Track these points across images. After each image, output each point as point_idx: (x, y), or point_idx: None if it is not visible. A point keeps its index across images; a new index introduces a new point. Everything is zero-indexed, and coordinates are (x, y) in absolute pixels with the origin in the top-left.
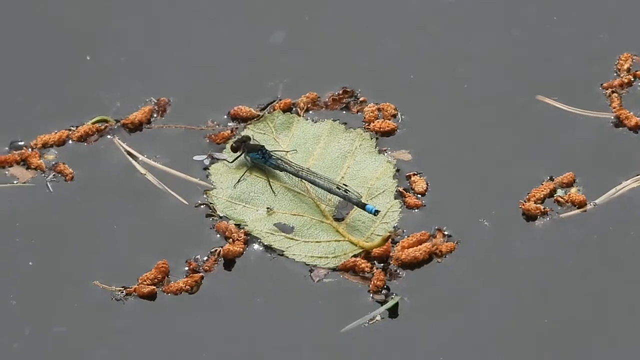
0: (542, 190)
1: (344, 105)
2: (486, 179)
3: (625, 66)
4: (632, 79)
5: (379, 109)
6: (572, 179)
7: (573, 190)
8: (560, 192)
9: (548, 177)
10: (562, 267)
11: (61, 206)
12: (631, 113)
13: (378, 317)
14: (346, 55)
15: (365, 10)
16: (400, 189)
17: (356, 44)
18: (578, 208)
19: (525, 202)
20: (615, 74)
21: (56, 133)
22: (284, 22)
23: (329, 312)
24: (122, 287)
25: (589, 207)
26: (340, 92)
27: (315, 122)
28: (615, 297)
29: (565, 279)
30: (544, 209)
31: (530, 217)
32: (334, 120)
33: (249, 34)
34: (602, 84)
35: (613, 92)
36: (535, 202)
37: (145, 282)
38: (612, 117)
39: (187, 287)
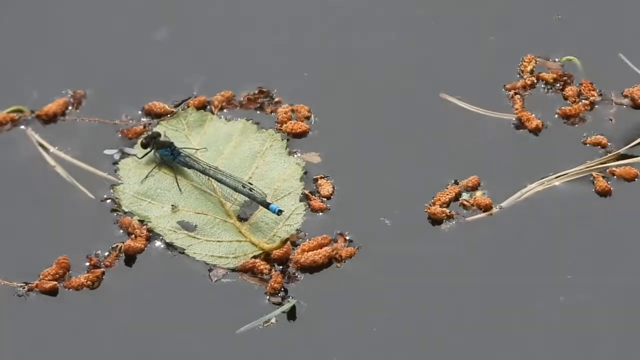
0: (447, 194)
1: (259, 105)
2: (392, 183)
3: (529, 68)
4: (535, 81)
5: (292, 110)
6: (477, 183)
7: (478, 193)
8: (465, 195)
9: (453, 181)
10: (468, 270)
11: None
12: (532, 115)
13: (273, 320)
14: (266, 55)
15: (274, 8)
16: (306, 191)
17: (273, 43)
18: (484, 211)
19: (430, 205)
20: (518, 76)
21: None
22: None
23: (225, 313)
24: (24, 282)
25: (494, 210)
26: (256, 91)
27: (229, 120)
28: (520, 299)
29: (471, 282)
30: (449, 212)
31: (436, 220)
32: (247, 120)
33: (168, 29)
34: (505, 85)
35: (516, 93)
36: (441, 206)
37: (46, 278)
38: (514, 119)
39: (89, 282)
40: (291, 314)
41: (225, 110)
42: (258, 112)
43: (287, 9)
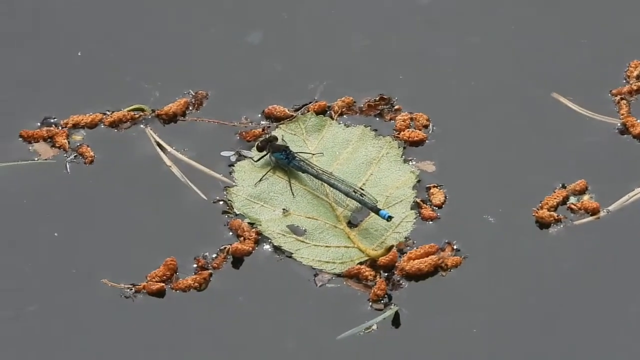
0: (555, 198)
1: (379, 112)
2: (503, 188)
3: (635, 73)
4: None
5: (411, 119)
6: (585, 187)
7: (586, 197)
8: (573, 199)
9: (560, 185)
10: (575, 274)
11: (75, 189)
12: (638, 121)
13: (375, 327)
14: (389, 63)
15: (400, 18)
16: (418, 200)
17: (398, 52)
18: (591, 215)
19: (538, 209)
20: (624, 81)
21: (89, 115)
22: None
23: (327, 318)
24: (131, 284)
25: (602, 214)
26: (377, 98)
27: (347, 126)
28: (631, 304)
29: (578, 286)
30: (557, 216)
31: (543, 224)
32: (366, 127)
33: (291, 35)
34: (611, 90)
35: (622, 98)
36: (549, 210)
37: (154, 280)
38: (619, 124)
39: (196, 284)
40: (394, 321)
41: (344, 116)
42: (377, 118)
43: (400, 18)
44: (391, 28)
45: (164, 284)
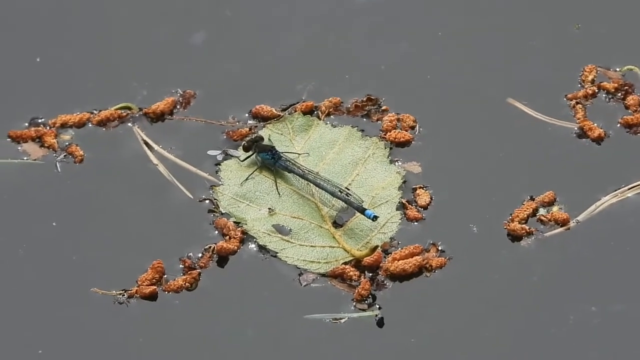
0: (524, 210)
1: (366, 112)
2: (483, 193)
3: (590, 77)
4: (596, 91)
5: (398, 119)
6: (553, 198)
7: (555, 208)
8: (542, 211)
9: (528, 197)
10: (549, 286)
11: (65, 188)
12: (594, 124)
13: (343, 320)
14: (378, 63)
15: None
16: (404, 200)
17: (387, 52)
18: (561, 226)
19: (509, 222)
20: (579, 85)
21: (77, 114)
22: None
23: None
24: (123, 290)
25: (571, 224)
26: (364, 99)
27: (334, 127)
28: (607, 313)
29: (552, 299)
30: (528, 229)
31: (515, 237)
32: (353, 127)
33: (282, 33)
34: (566, 95)
35: (577, 103)
36: (519, 222)
37: (144, 283)
38: (576, 128)
39: (187, 284)
40: (375, 323)
41: (332, 116)
42: (364, 119)
43: (400, 22)
44: (404, 36)
45: (155, 287)
